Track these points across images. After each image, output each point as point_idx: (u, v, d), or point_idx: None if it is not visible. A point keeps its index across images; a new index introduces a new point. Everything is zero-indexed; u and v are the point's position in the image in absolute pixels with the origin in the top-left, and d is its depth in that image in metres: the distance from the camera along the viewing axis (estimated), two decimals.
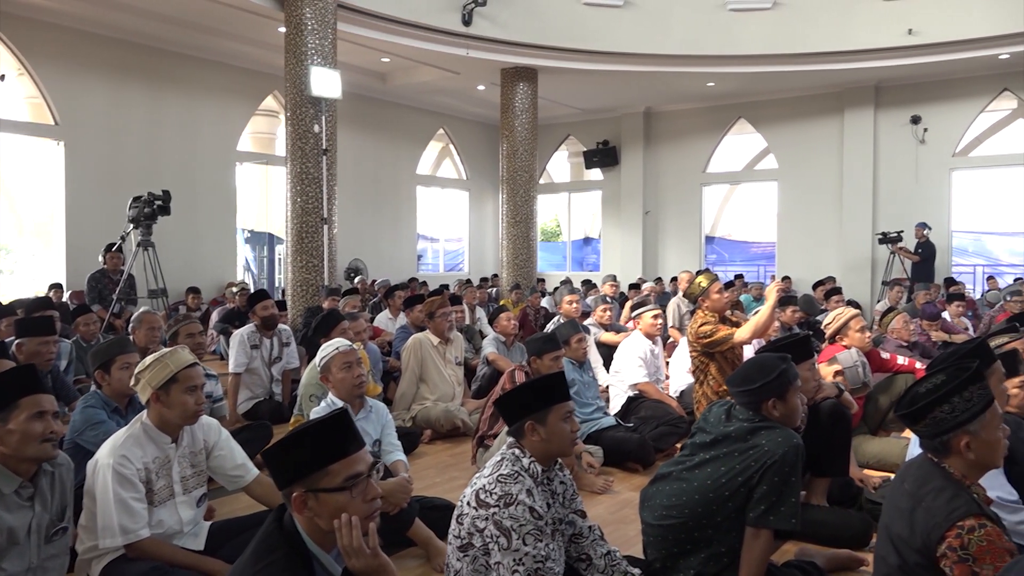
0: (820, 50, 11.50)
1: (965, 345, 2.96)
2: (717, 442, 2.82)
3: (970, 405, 2.09)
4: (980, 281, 14.43)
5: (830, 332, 4.75)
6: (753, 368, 2.82)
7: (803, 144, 13.83)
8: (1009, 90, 12.18)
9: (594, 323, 7.09)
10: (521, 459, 2.45)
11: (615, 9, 11.61)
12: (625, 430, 4.82)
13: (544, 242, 20.81)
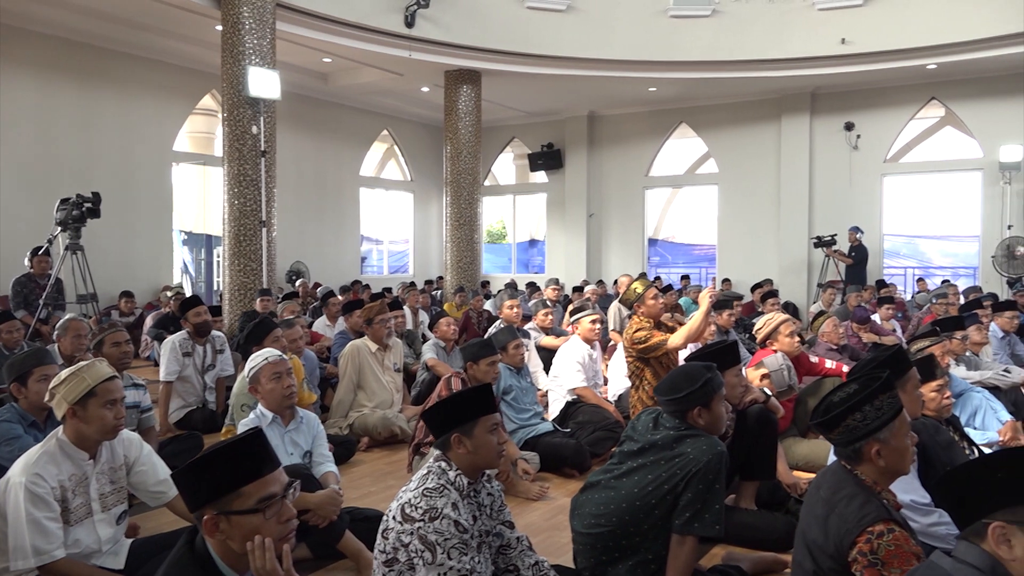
0: (757, 57, 11.76)
1: (883, 352, 3.05)
2: (644, 450, 2.86)
3: (880, 414, 2.15)
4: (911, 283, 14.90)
5: (761, 336, 4.86)
6: (679, 377, 2.86)
7: (742, 149, 14.11)
8: (936, 99, 12.63)
9: (534, 327, 7.12)
10: (447, 472, 2.44)
11: (558, 13, 11.68)
12: (562, 435, 4.85)
13: (490, 244, 20.84)
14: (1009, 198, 11.90)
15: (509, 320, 6.74)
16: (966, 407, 5.08)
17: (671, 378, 2.89)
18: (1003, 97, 12.01)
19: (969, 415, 5.06)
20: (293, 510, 1.76)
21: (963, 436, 3.49)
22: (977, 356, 6.20)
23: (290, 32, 9.72)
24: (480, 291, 11.66)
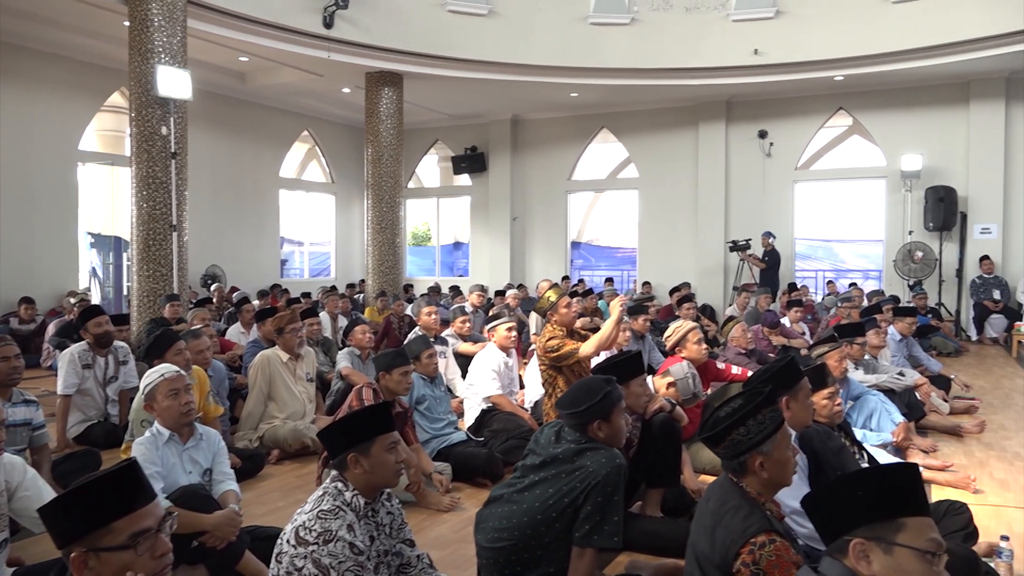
0: (675, 66, 12.02)
1: (776, 363, 3.15)
2: (546, 464, 2.89)
3: (763, 428, 2.22)
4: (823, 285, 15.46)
5: (670, 344, 4.97)
6: (579, 391, 2.90)
7: (661, 155, 14.41)
8: (844, 109, 13.16)
9: (452, 334, 7.10)
10: (344, 493, 2.41)
11: (479, 17, 11.69)
12: (475, 445, 4.85)
13: (415, 246, 20.70)
14: (910, 205, 12.49)
15: (426, 327, 6.71)
16: (863, 409, 5.31)
17: (572, 392, 2.93)
18: (905, 108, 12.61)
19: (866, 417, 5.29)
20: (168, 544, 1.70)
21: (854, 441, 3.64)
22: (875, 359, 6.48)
23: (203, 30, 9.45)
24: (402, 296, 11.57)
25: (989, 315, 11.57)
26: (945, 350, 10.20)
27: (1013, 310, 11.44)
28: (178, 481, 3.19)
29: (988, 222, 12.14)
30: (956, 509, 3.38)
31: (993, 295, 11.62)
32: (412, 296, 13.00)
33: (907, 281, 12.23)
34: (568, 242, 15.72)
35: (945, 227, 12.08)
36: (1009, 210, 12.07)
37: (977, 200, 12.15)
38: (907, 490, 1.68)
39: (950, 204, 12.03)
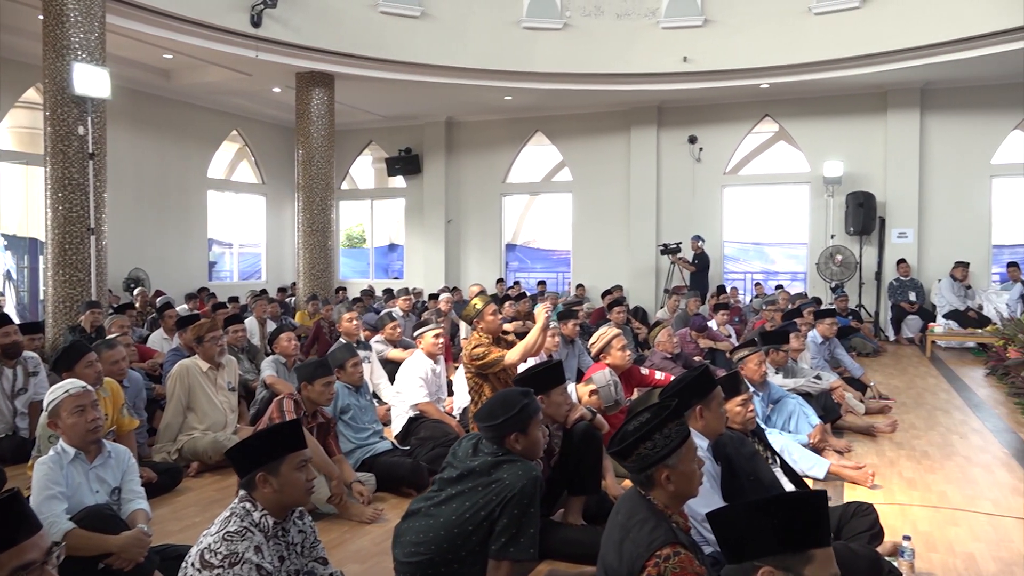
0: (606, 71, 12.16)
1: (691, 373, 3.21)
2: (463, 477, 2.89)
3: (668, 441, 2.26)
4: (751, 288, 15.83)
5: (594, 351, 5.02)
6: (496, 404, 2.91)
7: (595, 158, 14.56)
8: (770, 116, 13.52)
9: (381, 340, 7.04)
10: (252, 513, 2.36)
11: (412, 19, 11.62)
12: (400, 454, 4.82)
13: (349, 248, 20.44)
14: (832, 210, 12.91)
15: (348, 333, 6.63)
16: (782, 412, 5.47)
17: (489, 405, 2.93)
18: (827, 116, 13.03)
19: (784, 419, 5.44)
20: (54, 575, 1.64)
21: (767, 446, 3.74)
22: (795, 362, 6.68)
23: (123, 27, 9.15)
24: (332, 300, 11.42)
25: (906, 316, 12.04)
26: (864, 350, 10.58)
27: (927, 311, 11.93)
28: (84, 501, 3.08)
29: (904, 227, 12.64)
30: (863, 510, 3.50)
31: (909, 297, 12.10)
32: (344, 299, 12.83)
33: (829, 284, 12.64)
34: (503, 244, 15.76)
35: (865, 231, 12.53)
36: (924, 215, 12.59)
37: (894, 205, 12.64)
38: (817, 523, 1.74)
39: (869, 209, 12.48)
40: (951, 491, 4.58)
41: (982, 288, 11.99)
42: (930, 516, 4.15)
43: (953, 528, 3.97)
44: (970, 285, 11.79)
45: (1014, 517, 4.10)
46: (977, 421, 6.55)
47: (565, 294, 14.78)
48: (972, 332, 10.61)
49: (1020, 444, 5.72)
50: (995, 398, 7.58)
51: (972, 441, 5.82)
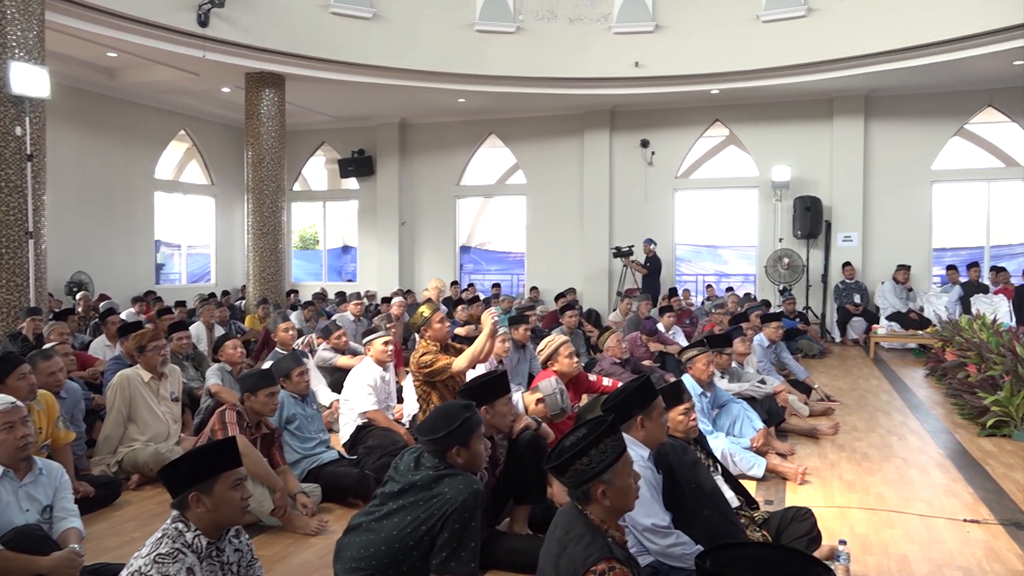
0: (559, 75, 12.22)
1: (632, 383, 3.24)
2: (405, 491, 2.87)
3: (604, 457, 2.28)
4: (704, 290, 16.05)
5: (542, 358, 5.04)
6: (438, 417, 2.90)
7: (548, 161, 14.62)
8: (720, 121, 13.72)
9: (327, 348, 6.96)
10: (184, 534, 2.32)
11: (363, 21, 11.53)
12: (347, 463, 4.77)
13: (302, 250, 20.21)
14: (780, 214, 13.17)
15: (283, 343, 6.55)
16: (727, 416, 5.56)
17: (430, 418, 2.93)
18: (776, 122, 13.28)
19: (729, 423, 5.53)
20: None
21: (709, 454, 3.79)
22: (741, 366, 6.79)
23: (64, 24, 8.90)
24: (284, 304, 11.28)
25: (851, 318, 12.33)
26: (811, 352, 10.81)
27: (872, 313, 12.24)
28: (13, 521, 2.99)
29: (850, 230, 12.94)
30: (801, 515, 3.58)
31: (854, 299, 12.40)
32: (296, 303, 12.68)
33: (777, 286, 12.88)
34: (457, 247, 15.72)
35: (812, 235, 12.80)
36: (868, 219, 12.91)
37: (840, 210, 12.93)
38: None
39: (816, 213, 12.75)
40: (888, 493, 4.70)
41: (923, 290, 12.33)
42: (867, 518, 4.26)
43: (889, 530, 4.08)
44: (912, 288, 12.14)
45: (946, 518, 4.22)
46: (916, 422, 6.73)
47: (519, 296, 14.82)
48: (913, 334, 10.91)
49: (955, 445, 5.90)
50: (933, 399, 7.80)
51: (910, 443, 5.98)
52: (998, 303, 10.85)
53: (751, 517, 3.59)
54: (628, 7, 11.99)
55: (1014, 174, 12.98)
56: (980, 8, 9.86)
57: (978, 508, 4.40)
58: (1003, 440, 5.99)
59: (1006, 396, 6.03)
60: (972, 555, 3.72)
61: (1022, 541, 3.88)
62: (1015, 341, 6.46)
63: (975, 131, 13.37)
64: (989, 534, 3.99)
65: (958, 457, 5.54)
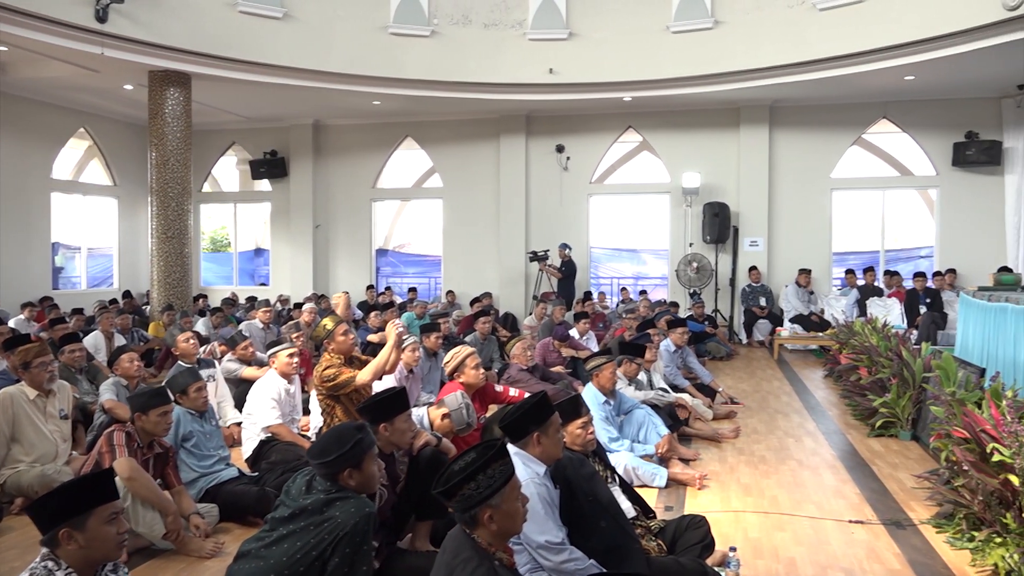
0: (474, 80, 12.23)
1: (530, 400, 3.25)
2: (295, 516, 2.82)
3: (492, 482, 2.30)
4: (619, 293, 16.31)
5: (448, 371, 5.04)
6: (330, 440, 2.86)
7: (465, 165, 14.61)
8: (633, 127, 14.00)
9: (232, 359, 6.78)
10: (54, 572, 2.22)
11: (274, 21, 11.27)
12: (248, 481, 4.66)
13: (213, 252, 19.63)
14: (690, 219, 13.53)
15: (184, 354, 6.35)
16: (632, 423, 5.67)
17: (322, 441, 2.88)
18: (686, 130, 13.63)
19: (635, 430, 5.65)
20: None
21: (607, 466, 3.86)
22: (648, 371, 6.94)
23: None
24: (190, 311, 10.93)
25: (756, 320, 12.76)
26: (718, 354, 11.15)
27: (776, 315, 12.70)
28: None
29: (756, 235, 13.40)
30: (696, 523, 3.68)
31: (760, 302, 12.84)
32: (204, 308, 12.31)
33: (687, 290, 13.22)
34: (373, 250, 15.55)
35: (720, 240, 13.19)
36: (773, 225, 13.39)
37: (746, 215, 13.37)
38: None
39: (724, 219, 13.15)
40: (782, 496, 4.89)
41: (824, 293, 12.88)
42: (760, 522, 4.42)
43: (779, 533, 4.24)
44: (813, 291, 12.65)
45: (833, 520, 4.42)
46: (812, 423, 7.02)
47: (436, 299, 14.77)
48: (814, 336, 11.37)
49: (847, 446, 6.18)
50: (830, 400, 8.16)
51: (805, 444, 6.24)
52: (891, 306, 11.45)
53: (647, 527, 3.66)
54: (542, 14, 12.10)
55: (907, 183, 13.73)
56: (875, 26, 10.36)
57: (863, 509, 4.61)
58: (890, 440, 6.31)
59: (893, 398, 6.35)
60: (855, 556, 3.91)
61: (901, 540, 4.10)
62: (902, 346, 6.82)
63: (872, 141, 14.04)
64: (871, 534, 4.20)
65: (848, 458, 5.80)
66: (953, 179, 12.71)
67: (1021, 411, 3.91)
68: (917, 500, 4.70)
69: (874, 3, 10.42)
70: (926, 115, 12.72)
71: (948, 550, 3.94)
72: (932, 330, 10.62)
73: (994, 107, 12.42)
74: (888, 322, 9.54)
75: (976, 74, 11.09)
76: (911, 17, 10.00)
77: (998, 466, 3.78)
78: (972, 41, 9.64)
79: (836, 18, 10.74)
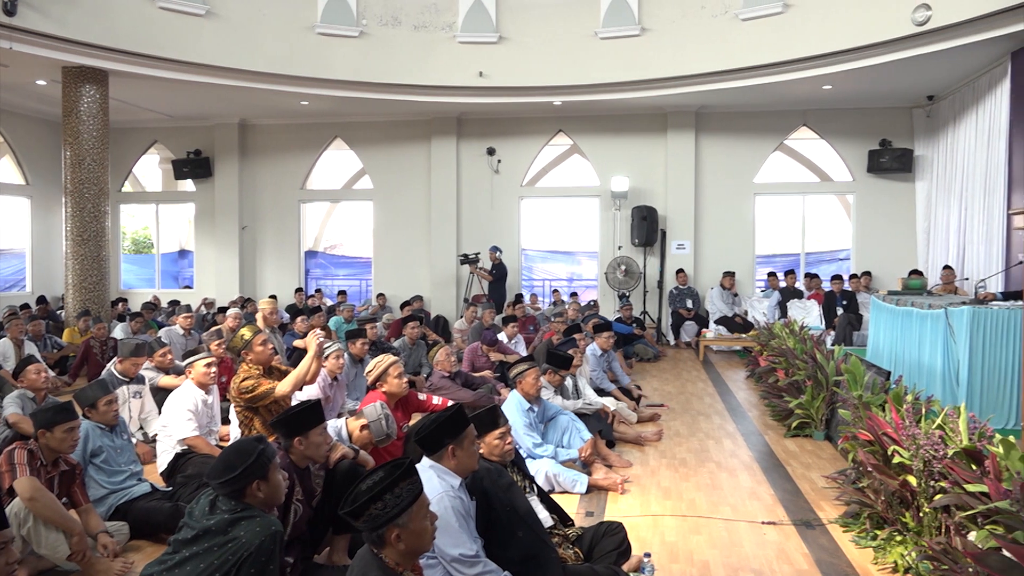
0: (405, 82, 12.15)
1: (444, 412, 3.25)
2: (199, 537, 2.76)
3: (399, 501, 2.29)
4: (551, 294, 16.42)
5: (371, 380, 4.99)
6: (232, 455, 2.81)
7: (395, 167, 14.50)
8: (563, 131, 14.12)
9: (151, 367, 6.58)
10: None
11: (196, 18, 10.98)
12: (160, 496, 4.53)
13: (135, 254, 19.03)
14: (618, 223, 13.74)
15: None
16: (555, 429, 5.72)
17: (223, 458, 2.82)
18: (615, 134, 13.82)
19: (559, 436, 5.70)
20: None
21: (525, 475, 3.89)
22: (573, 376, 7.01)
23: None
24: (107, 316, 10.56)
25: (684, 322, 13.03)
26: (646, 356, 11.33)
27: (702, 317, 12.99)
28: None
29: (683, 239, 13.68)
30: (613, 530, 3.73)
31: (687, 304, 13.12)
32: (124, 313, 11.91)
33: (616, 292, 13.41)
34: (302, 252, 15.29)
35: (648, 243, 13.42)
36: (699, 228, 13.69)
37: (674, 219, 13.64)
38: None
39: (652, 222, 13.38)
40: (699, 499, 5.00)
41: (747, 295, 13.24)
42: (678, 525, 4.51)
43: (695, 536, 4.34)
44: (737, 293, 12.99)
45: (746, 521, 4.54)
46: (732, 424, 7.21)
47: (367, 302, 14.62)
48: (738, 337, 11.67)
49: (764, 447, 6.36)
50: (751, 401, 8.38)
51: (724, 446, 6.40)
52: (810, 307, 11.84)
53: (564, 535, 3.70)
54: (472, 17, 12.10)
55: (826, 188, 14.21)
56: (794, 38, 10.70)
57: (776, 510, 4.76)
58: (805, 440, 6.52)
59: (807, 400, 6.56)
60: (765, 557, 4.02)
61: (810, 540, 4.24)
62: (816, 349, 7.06)
63: (793, 147, 14.49)
64: (782, 535, 4.33)
65: (765, 459, 5.97)
66: (868, 185, 13.23)
67: (919, 415, 4.09)
68: (827, 500, 4.87)
69: (793, 15, 10.77)
70: (843, 123, 13.20)
71: (853, 549, 4.09)
72: (848, 331, 11.03)
73: (906, 117, 12.98)
74: (807, 324, 9.87)
75: (889, 85, 11.57)
76: (829, 30, 10.37)
77: (898, 467, 3.95)
78: (885, 54, 10.06)
79: (758, 28, 11.05)
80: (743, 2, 11.12)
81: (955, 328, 5.97)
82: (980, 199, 10.58)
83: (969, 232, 10.96)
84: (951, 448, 3.63)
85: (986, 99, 10.48)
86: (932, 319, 6.38)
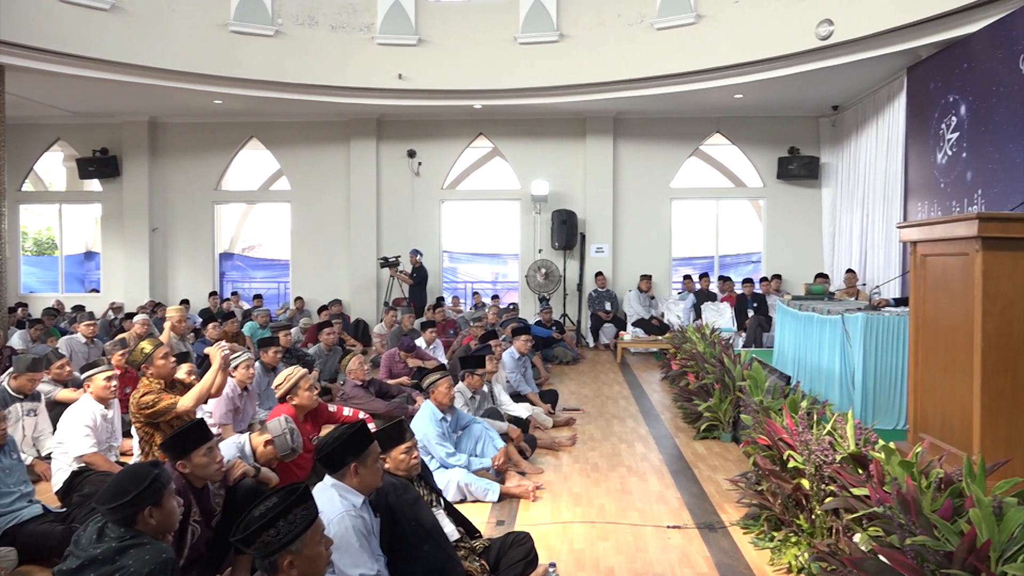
0: (322, 83, 11.96)
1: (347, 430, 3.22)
2: (84, 567, 2.66)
3: (293, 527, 2.26)
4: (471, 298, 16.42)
5: (280, 393, 4.90)
6: (124, 480, 2.73)
7: (314, 168, 14.26)
8: (484, 135, 14.15)
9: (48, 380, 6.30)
10: None
11: (101, 12, 10.55)
12: (53, 519, 4.34)
13: (37, 256, 18.18)
14: (539, 226, 13.86)
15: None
16: (469, 438, 5.74)
17: (115, 483, 2.74)
18: (535, 138, 13.93)
19: (472, 444, 5.72)
20: None
21: (432, 489, 3.89)
22: (490, 381, 7.05)
23: None
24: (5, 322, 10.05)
25: (603, 324, 13.24)
26: (565, 359, 11.47)
27: (621, 320, 13.22)
28: None
29: (602, 242, 13.89)
30: (520, 540, 3.77)
31: (605, 306, 13.33)
32: (23, 319, 11.35)
33: (537, 295, 13.53)
34: (216, 255, 14.87)
35: (568, 246, 13.58)
36: (617, 232, 13.93)
37: (593, 223, 13.84)
38: None
39: (572, 226, 13.54)
40: (609, 504, 5.09)
41: (664, 298, 13.54)
42: (586, 532, 4.59)
43: (603, 543, 4.42)
44: (654, 295, 13.28)
45: (653, 526, 4.66)
46: (645, 428, 7.36)
47: (285, 305, 14.33)
48: (654, 339, 11.92)
49: (674, 450, 6.53)
50: (664, 403, 8.58)
51: (636, 450, 6.53)
52: (723, 309, 12.20)
53: (471, 547, 3.72)
54: (391, 19, 12.00)
55: (739, 193, 14.66)
56: (706, 48, 11.01)
57: (682, 513, 4.89)
58: (713, 442, 6.72)
59: (715, 403, 6.76)
60: (668, 561, 4.14)
61: (711, 543, 4.38)
62: (724, 353, 7.28)
63: (708, 153, 14.89)
64: (686, 538, 4.46)
65: (674, 462, 6.13)
66: (778, 191, 13.71)
67: (812, 420, 4.28)
68: (730, 502, 5.03)
69: (705, 26, 11.08)
70: (754, 131, 13.65)
71: (752, 550, 4.24)
72: (758, 333, 11.42)
73: (813, 126, 13.52)
74: (720, 326, 10.17)
75: (797, 95, 12.03)
76: (739, 41, 10.71)
77: (793, 471, 4.11)
78: (792, 65, 10.46)
79: (672, 38, 11.32)
80: (658, 12, 11.38)
81: (851, 333, 6.26)
82: (880, 206, 11.10)
83: (870, 237, 11.49)
84: (839, 453, 3.81)
85: (885, 111, 11.02)
86: (830, 324, 6.68)
